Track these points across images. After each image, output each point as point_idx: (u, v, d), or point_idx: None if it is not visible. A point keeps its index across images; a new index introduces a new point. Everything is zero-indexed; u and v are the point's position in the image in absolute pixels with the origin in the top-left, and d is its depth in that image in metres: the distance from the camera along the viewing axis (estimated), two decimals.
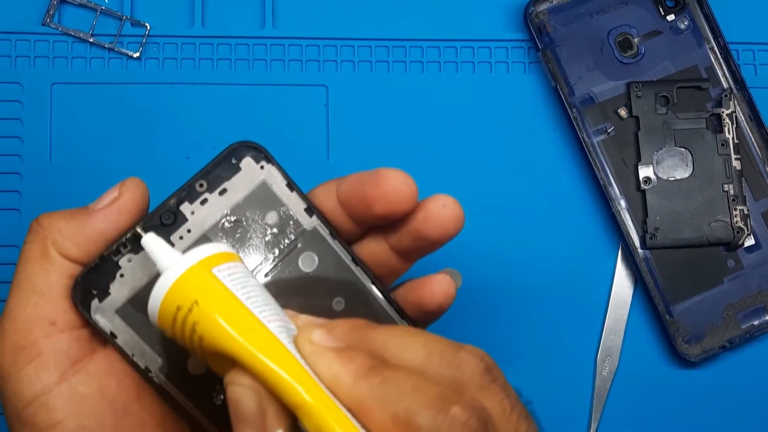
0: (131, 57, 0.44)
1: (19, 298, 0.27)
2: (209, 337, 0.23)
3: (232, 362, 0.23)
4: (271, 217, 0.29)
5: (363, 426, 0.23)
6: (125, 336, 0.28)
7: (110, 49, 0.44)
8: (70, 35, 0.44)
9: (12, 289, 0.28)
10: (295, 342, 0.24)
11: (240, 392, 0.23)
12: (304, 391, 0.22)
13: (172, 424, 0.29)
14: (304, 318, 0.25)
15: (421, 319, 0.31)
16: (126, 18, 0.44)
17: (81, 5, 0.44)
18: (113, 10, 0.44)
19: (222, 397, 0.28)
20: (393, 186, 0.28)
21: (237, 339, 0.23)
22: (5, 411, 0.27)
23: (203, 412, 0.28)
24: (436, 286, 0.30)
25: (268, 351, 0.23)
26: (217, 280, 0.24)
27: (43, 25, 0.44)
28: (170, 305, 0.24)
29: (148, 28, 0.44)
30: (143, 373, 0.28)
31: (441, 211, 0.29)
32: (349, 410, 0.23)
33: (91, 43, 0.44)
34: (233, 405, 0.23)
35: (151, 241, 0.26)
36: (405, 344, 0.25)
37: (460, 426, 0.22)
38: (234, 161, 0.29)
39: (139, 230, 0.28)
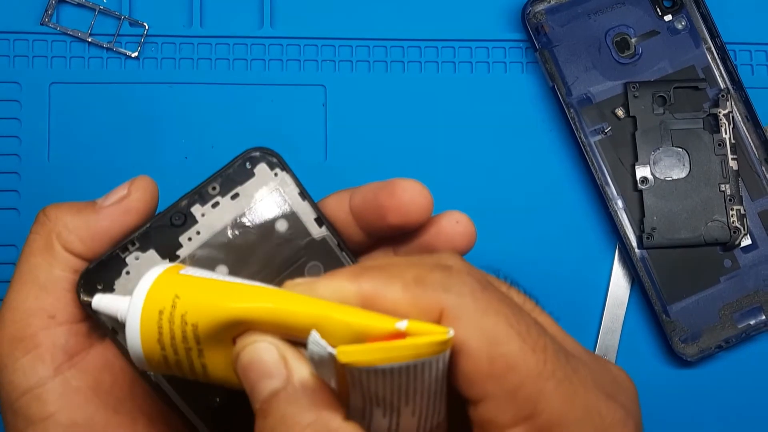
0: (129, 57, 0.44)
1: (20, 289, 0.28)
2: (204, 316, 0.23)
3: (233, 338, 0.23)
4: (281, 225, 0.29)
5: (381, 312, 0.22)
6: None
7: (108, 49, 0.44)
8: (69, 35, 0.44)
9: (13, 279, 0.28)
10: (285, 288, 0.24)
11: (255, 348, 0.23)
12: (315, 306, 0.22)
13: (163, 423, 0.29)
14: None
15: None
16: (124, 18, 0.44)
17: (79, 5, 0.44)
18: (111, 10, 0.44)
19: (218, 399, 0.29)
20: (409, 196, 0.28)
21: (233, 301, 0.23)
22: None
23: (198, 413, 0.28)
24: None
25: (267, 296, 0.23)
26: (189, 275, 0.24)
27: (42, 24, 0.44)
28: (151, 314, 0.23)
29: (147, 27, 0.44)
30: (142, 372, 0.28)
31: (453, 227, 0.29)
32: (363, 308, 0.23)
33: (89, 42, 0.44)
34: (251, 366, 0.23)
35: (103, 298, 0.26)
36: (382, 258, 0.26)
37: (466, 275, 0.23)
38: (248, 166, 0.29)
39: (85, 298, 0.27)
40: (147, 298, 0.24)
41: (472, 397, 0.23)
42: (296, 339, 0.23)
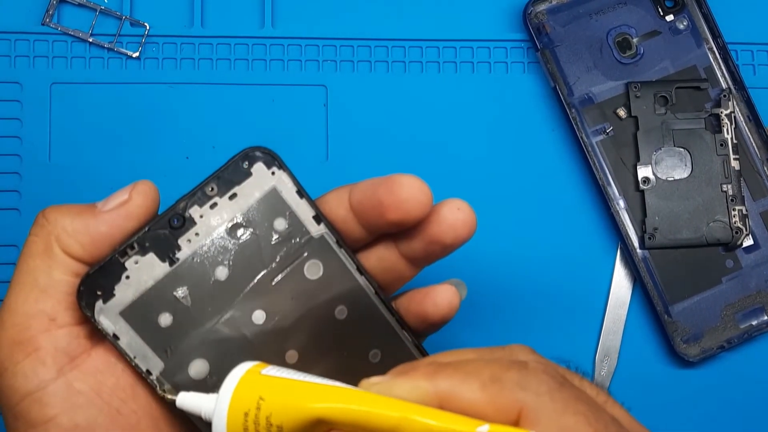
0: (130, 57, 0.44)
1: (20, 292, 0.27)
2: (288, 418, 0.23)
3: None
4: (280, 224, 0.29)
5: (458, 412, 0.23)
6: (128, 338, 0.28)
7: (109, 49, 0.44)
8: (70, 35, 0.44)
9: (13, 282, 0.28)
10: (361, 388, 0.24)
11: None
12: (395, 408, 0.23)
13: (166, 425, 0.29)
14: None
15: (423, 329, 0.31)
16: (125, 18, 0.44)
17: (80, 5, 0.44)
18: (112, 10, 0.44)
19: None
20: (408, 192, 0.27)
21: (316, 402, 0.23)
22: (0, 404, 0.27)
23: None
24: (440, 298, 0.30)
25: (348, 397, 0.23)
26: (271, 376, 0.25)
27: (43, 24, 0.44)
28: (237, 416, 0.24)
29: (148, 27, 0.44)
30: (144, 376, 0.28)
31: (455, 215, 0.28)
32: (440, 407, 0.23)
33: (90, 42, 0.44)
34: None
35: (186, 396, 0.26)
36: (454, 353, 0.25)
37: (542, 373, 0.23)
38: (245, 166, 0.29)
39: (169, 397, 0.28)
40: (232, 400, 0.24)
41: None
42: None
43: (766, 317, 0.45)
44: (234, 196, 0.29)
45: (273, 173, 0.29)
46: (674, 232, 0.44)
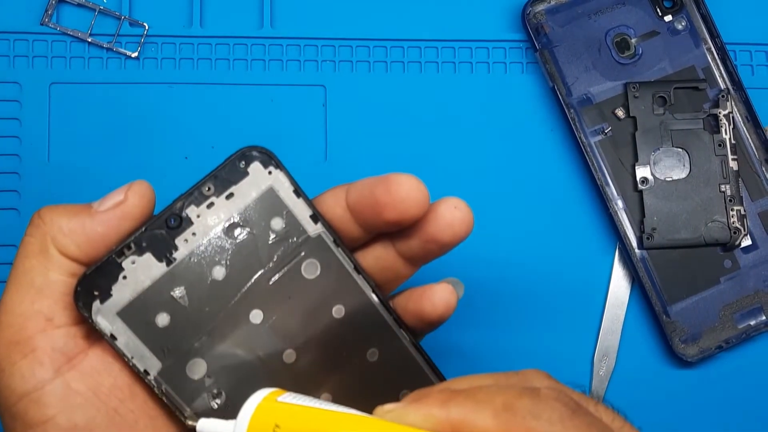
0: (129, 57, 0.44)
1: (16, 292, 0.27)
2: None
3: None
4: (277, 223, 0.29)
5: None
6: (125, 338, 0.28)
7: (108, 49, 0.44)
8: (69, 35, 0.44)
9: (9, 283, 0.28)
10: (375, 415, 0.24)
11: None
12: None
13: (164, 425, 0.29)
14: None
15: (421, 328, 0.31)
16: (124, 18, 0.44)
17: (79, 5, 0.44)
18: (111, 10, 0.44)
19: (218, 401, 0.29)
20: (405, 192, 0.27)
21: (332, 430, 0.23)
22: None
23: (200, 417, 0.29)
24: (438, 297, 0.30)
25: (363, 425, 0.23)
26: (287, 403, 0.25)
27: (42, 24, 0.44)
28: None
29: (147, 27, 0.44)
30: (142, 376, 0.28)
31: (453, 213, 0.28)
32: None
33: (89, 42, 0.44)
34: None
35: (206, 423, 0.27)
36: (468, 379, 0.25)
37: (555, 401, 0.23)
38: (242, 165, 0.29)
39: (189, 423, 0.28)
40: (249, 428, 0.24)
41: None
42: None
43: (764, 317, 0.45)
44: (231, 195, 0.29)
45: (270, 173, 0.29)
46: (672, 233, 0.44)
